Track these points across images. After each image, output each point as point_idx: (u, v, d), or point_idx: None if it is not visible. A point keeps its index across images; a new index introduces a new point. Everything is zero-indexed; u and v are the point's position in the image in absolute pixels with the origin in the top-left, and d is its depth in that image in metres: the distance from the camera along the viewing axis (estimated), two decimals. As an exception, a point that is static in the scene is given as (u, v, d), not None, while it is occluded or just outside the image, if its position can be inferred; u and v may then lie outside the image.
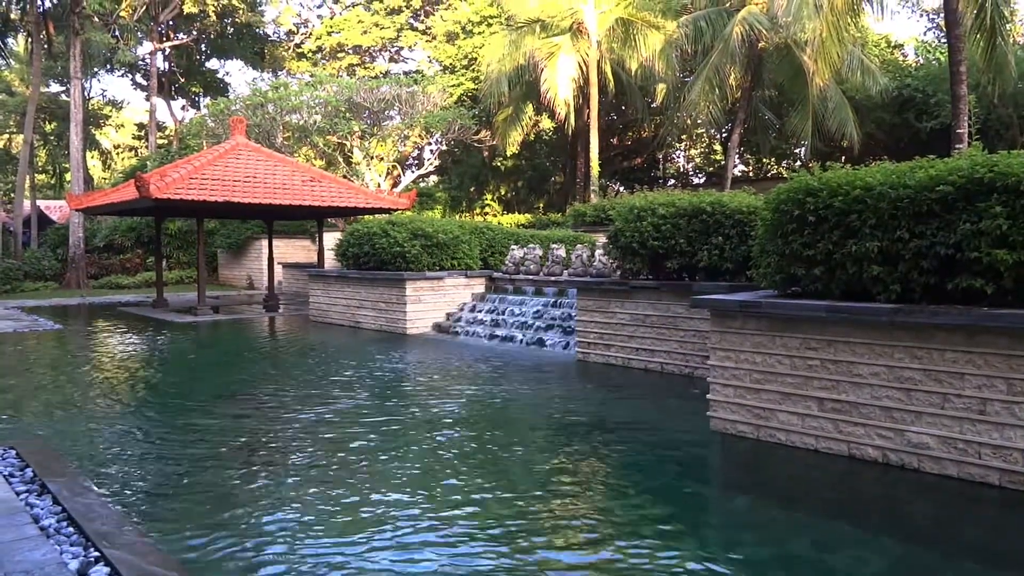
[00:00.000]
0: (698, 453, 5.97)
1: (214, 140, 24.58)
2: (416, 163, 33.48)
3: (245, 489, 4.89)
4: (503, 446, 6.04)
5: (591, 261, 11.72)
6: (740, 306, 5.98)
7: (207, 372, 9.96)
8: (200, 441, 6.10)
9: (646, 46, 21.50)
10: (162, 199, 13.93)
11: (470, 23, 29.34)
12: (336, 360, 10.51)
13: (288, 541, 4.04)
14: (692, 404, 7.17)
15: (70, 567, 3.41)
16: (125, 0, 28.07)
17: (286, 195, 15.84)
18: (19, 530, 3.83)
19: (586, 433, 6.48)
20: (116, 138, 47.39)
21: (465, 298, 13.68)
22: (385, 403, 7.59)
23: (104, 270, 26.59)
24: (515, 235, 15.33)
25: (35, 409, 7.42)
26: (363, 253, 14.04)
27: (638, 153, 31.93)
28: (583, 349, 10.09)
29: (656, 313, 9.14)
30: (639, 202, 9.27)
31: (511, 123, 25.36)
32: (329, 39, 34.90)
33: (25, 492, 4.45)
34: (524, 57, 22.86)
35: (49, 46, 26.81)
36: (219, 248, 27.09)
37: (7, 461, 5.06)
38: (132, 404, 7.75)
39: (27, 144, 26.54)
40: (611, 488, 5.06)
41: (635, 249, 9.10)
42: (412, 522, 4.30)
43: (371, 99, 24.01)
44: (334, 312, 15.07)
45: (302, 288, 20.93)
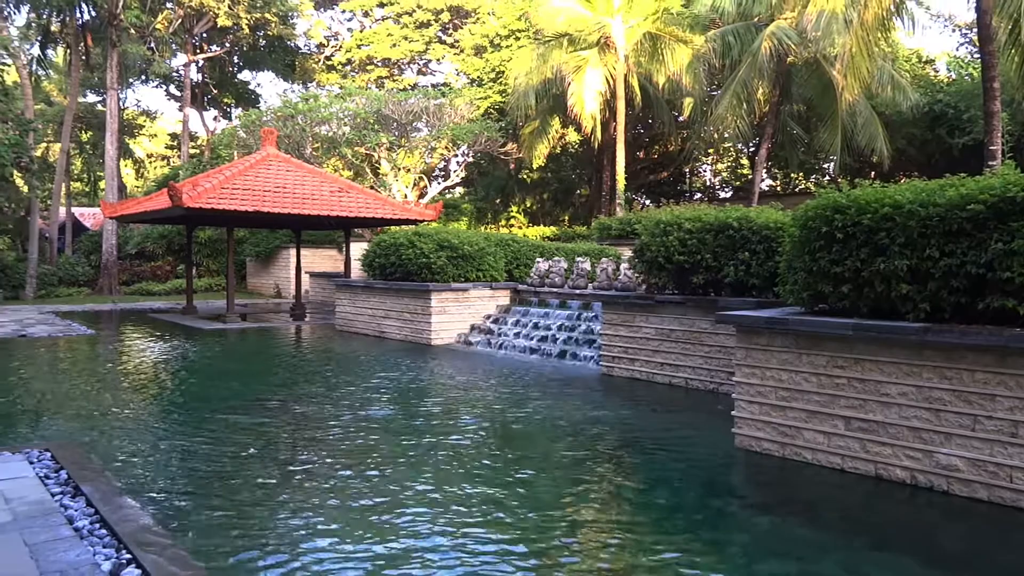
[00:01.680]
0: (723, 470, 5.94)
1: (245, 150, 24.98)
2: (442, 175, 33.70)
3: (271, 495, 4.96)
4: (526, 459, 6.06)
5: (616, 275, 11.72)
6: (767, 323, 5.96)
7: (235, 379, 10.10)
8: (228, 447, 6.19)
9: (674, 60, 21.50)
10: (194, 208, 14.19)
11: (498, 36, 29.56)
12: (361, 370, 10.60)
13: (312, 548, 4.09)
14: (717, 420, 7.14)
15: (103, 568, 3.49)
16: (161, 13, 28.69)
17: (314, 205, 16.05)
18: (54, 531, 3.92)
19: (610, 448, 6.48)
20: (149, 147, 48.35)
21: (490, 310, 13.74)
22: (409, 413, 7.64)
23: (135, 276, 27.09)
24: (540, 247, 15.38)
25: (68, 412, 7.57)
26: (389, 264, 14.17)
27: (664, 167, 31.86)
28: (607, 363, 10.08)
29: (681, 328, 9.11)
30: (665, 216, 9.27)
31: (538, 136, 25.46)
32: (359, 52, 35.33)
33: (60, 494, 4.55)
34: (551, 71, 22.96)
35: (87, 58, 27.46)
36: (248, 257, 27.47)
37: (43, 463, 5.18)
38: (161, 409, 7.89)
39: (64, 153, 27.15)
40: (635, 504, 5.05)
41: (661, 263, 9.09)
42: (433, 532, 4.33)
43: (399, 111, 24.26)
44: (360, 322, 15.21)
45: (328, 297, 21.14)
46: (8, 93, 18.79)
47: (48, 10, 24.74)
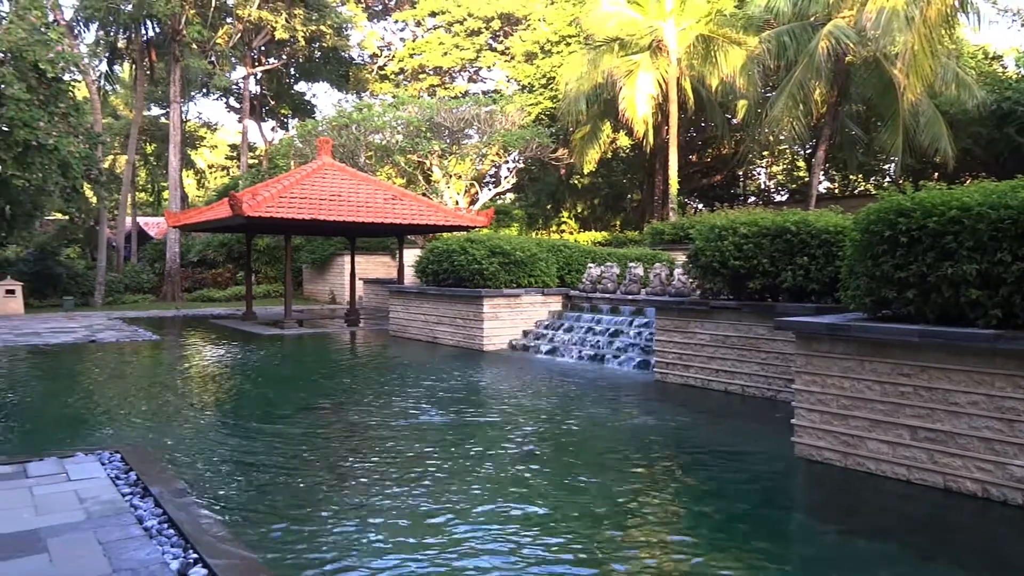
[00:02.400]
0: (782, 480, 5.81)
1: (301, 160, 25.54)
2: (493, 181, 33.86)
3: (329, 498, 5.05)
4: (580, 467, 6.03)
5: (670, 280, 11.60)
6: (827, 329, 5.82)
7: (293, 383, 10.31)
8: (286, 450, 6.33)
9: (727, 62, 21.21)
10: (253, 216, 14.56)
11: (548, 43, 29.60)
12: (415, 375, 10.71)
13: (369, 550, 4.15)
14: (775, 428, 7.00)
15: (171, 567, 3.60)
16: (222, 28, 29.59)
17: (369, 213, 16.31)
18: (125, 530, 4.07)
19: (665, 456, 6.41)
20: (210, 158, 49.86)
21: (542, 315, 13.73)
22: (463, 420, 7.69)
23: (197, 284, 27.92)
24: (592, 253, 15.31)
25: (136, 415, 7.84)
26: (442, 270, 14.30)
27: (717, 170, 31.42)
28: (661, 369, 9.97)
29: (737, 334, 8.96)
30: (720, 221, 9.14)
31: (588, 141, 25.39)
32: (411, 61, 35.81)
33: (130, 494, 4.72)
34: (602, 75, 22.88)
35: (151, 72, 28.48)
36: (304, 264, 28.06)
37: (113, 464, 5.37)
38: (223, 413, 8.11)
39: (130, 164, 28.19)
40: (691, 513, 4.98)
41: (716, 268, 8.97)
42: (486, 539, 4.34)
43: (451, 119, 24.49)
44: (413, 327, 15.37)
45: (382, 303, 21.44)
46: (79, 108, 19.57)
47: (115, 27, 25.75)
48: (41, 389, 9.61)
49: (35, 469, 5.21)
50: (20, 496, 4.61)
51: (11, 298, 19.72)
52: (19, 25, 16.82)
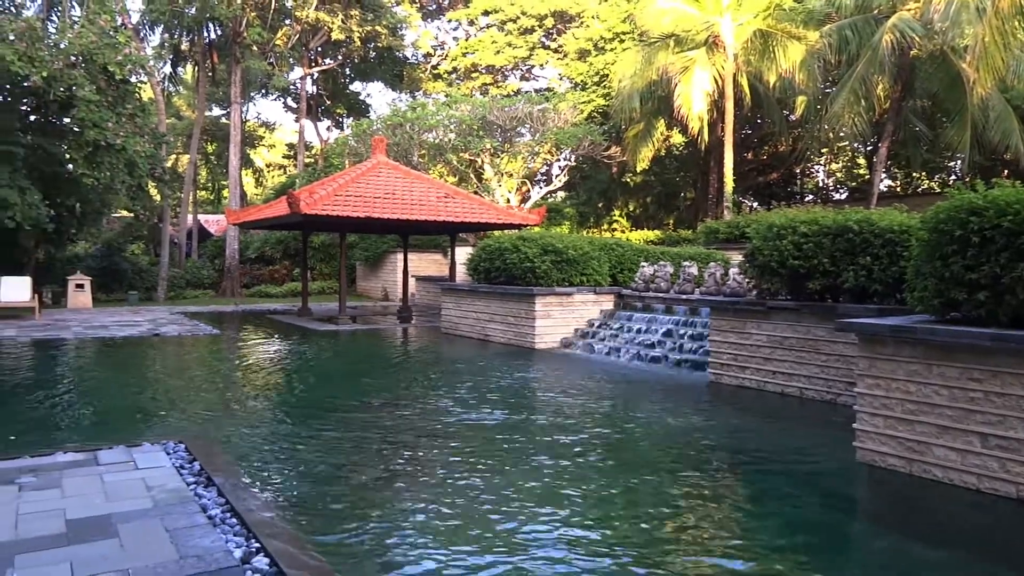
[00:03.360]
0: (842, 485, 5.66)
1: (356, 158, 25.92)
2: (544, 179, 33.83)
3: (384, 492, 5.11)
4: (633, 468, 5.98)
5: (725, 280, 11.42)
6: (892, 331, 5.64)
7: (348, 379, 10.48)
8: (342, 444, 6.43)
9: (786, 58, 20.74)
10: (310, 214, 14.84)
11: (602, 40, 29.42)
12: (467, 372, 10.77)
13: (423, 544, 4.19)
14: (835, 433, 6.83)
15: (234, 555, 3.70)
16: (280, 30, 30.24)
17: (422, 211, 16.46)
18: (191, 518, 4.19)
19: (720, 458, 6.31)
20: (268, 157, 51.01)
21: (594, 314, 13.66)
22: (514, 417, 7.70)
23: (255, 280, 28.60)
24: (645, 252, 15.16)
25: (197, 407, 8.08)
26: (494, 268, 14.34)
27: (774, 168, 30.79)
28: (716, 370, 9.82)
29: (795, 335, 8.76)
30: (778, 219, 8.95)
31: (642, 139, 25.14)
32: (464, 60, 36.02)
33: (194, 483, 4.86)
34: (656, 72, 22.64)
35: (213, 74, 29.27)
36: (357, 261, 28.49)
37: (178, 454, 5.54)
38: (282, 405, 8.29)
39: (192, 163, 29.04)
40: (747, 516, 4.89)
41: (774, 268, 8.78)
42: (541, 537, 4.34)
43: (503, 117, 24.54)
44: (464, 325, 15.46)
45: (433, 301, 21.62)
46: (145, 109, 20.23)
47: (179, 30, 26.56)
48: (109, 380, 9.97)
49: (105, 457, 5.41)
50: (92, 483, 4.79)
51: (80, 292, 20.51)
52: (90, 29, 17.46)
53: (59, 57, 16.55)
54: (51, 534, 3.92)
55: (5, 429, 6.84)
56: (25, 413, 7.60)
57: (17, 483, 4.77)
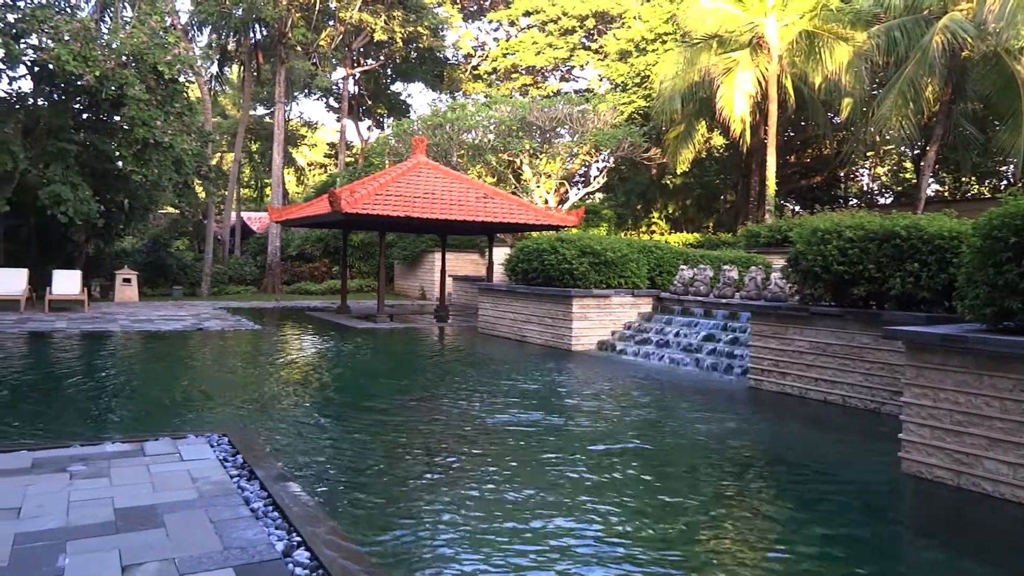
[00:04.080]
0: (886, 497, 5.54)
1: (396, 158, 26.16)
2: (583, 180, 33.73)
3: (421, 489, 5.15)
4: (670, 475, 5.93)
5: (766, 284, 11.26)
6: (942, 340, 5.51)
7: (387, 376, 10.58)
8: (380, 440, 6.49)
9: (832, 59, 20.36)
10: (351, 213, 15.01)
11: (643, 41, 29.24)
12: (503, 373, 10.78)
13: (458, 543, 4.20)
14: (879, 443, 6.69)
15: (276, 548, 3.75)
16: (324, 31, 30.63)
17: (461, 211, 16.53)
18: (234, 510, 4.27)
19: (759, 466, 6.22)
20: (309, 156, 51.76)
21: (631, 317, 13.58)
22: (550, 420, 7.69)
23: (295, 277, 29.01)
24: (684, 255, 15.02)
25: (239, 401, 8.23)
26: (532, 269, 14.34)
27: (817, 171, 30.26)
28: (756, 376, 9.69)
29: (839, 342, 8.60)
30: (823, 223, 8.79)
31: (683, 141, 24.91)
32: (504, 61, 36.10)
33: (237, 476, 4.95)
34: (699, 74, 22.42)
35: (258, 74, 29.77)
36: (395, 260, 28.74)
37: (221, 447, 5.65)
38: (321, 402, 8.40)
39: (236, 162, 29.57)
40: (788, 528, 4.81)
41: (817, 273, 8.63)
42: (567, 543, 4.33)
43: (543, 118, 24.53)
44: (501, 325, 15.49)
45: (470, 300, 21.70)
46: (192, 108, 20.68)
47: (226, 31, 27.06)
48: (154, 373, 10.21)
49: (151, 448, 5.54)
50: (139, 473, 4.91)
51: (128, 286, 21.03)
52: (141, 30, 17.90)
53: (111, 57, 16.98)
54: (100, 522, 4.02)
55: (56, 418, 7.05)
56: (74, 403, 7.82)
57: (68, 471, 4.91)
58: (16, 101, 18.62)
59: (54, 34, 16.34)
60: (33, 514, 4.11)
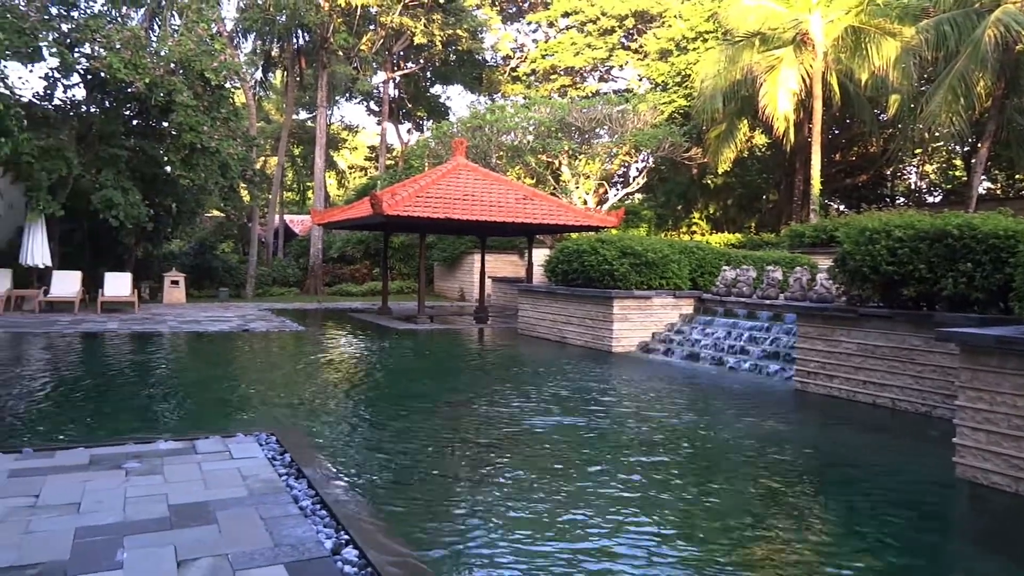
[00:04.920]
0: (939, 502, 5.40)
1: (435, 160, 26.34)
2: (622, 181, 33.55)
3: (464, 489, 5.17)
4: (714, 479, 5.86)
5: (811, 285, 11.07)
6: (998, 342, 5.35)
7: (429, 377, 10.66)
8: (423, 441, 6.54)
9: (879, 55, 19.91)
10: (392, 215, 15.16)
11: (684, 39, 28.98)
12: (544, 374, 10.78)
13: (502, 543, 4.21)
14: (931, 446, 6.53)
15: (325, 546, 3.81)
16: (365, 35, 30.99)
17: (501, 212, 16.58)
18: (284, 508, 4.34)
19: (806, 470, 6.11)
20: (350, 159, 52.39)
21: (673, 318, 13.46)
22: (590, 421, 7.66)
23: (336, 278, 29.39)
24: (726, 255, 14.84)
25: (284, 400, 8.36)
26: (572, 270, 14.31)
27: (863, 170, 29.59)
28: (802, 378, 9.53)
29: (888, 344, 8.41)
30: (871, 223, 8.62)
31: (724, 140, 24.61)
32: (543, 62, 36.10)
33: (285, 475, 5.03)
34: (741, 72, 22.12)
35: (301, 79, 30.24)
36: (435, 261, 28.94)
37: (269, 446, 5.75)
38: (364, 402, 8.50)
39: (279, 166, 30.09)
40: (837, 534, 4.72)
41: (866, 274, 8.46)
42: (619, 546, 4.31)
43: (582, 119, 24.47)
44: (541, 326, 15.48)
45: (509, 302, 21.74)
46: (238, 113, 21.13)
47: (270, 37, 27.56)
48: (202, 372, 10.44)
49: (202, 447, 5.66)
50: (191, 471, 5.03)
51: (175, 288, 21.53)
52: (188, 37, 18.33)
53: (160, 64, 17.43)
54: (156, 518, 4.13)
55: (110, 416, 7.26)
56: (127, 401, 8.04)
57: (124, 468, 5.05)
58: (70, 109, 19.22)
59: (106, 43, 16.82)
60: (92, 509, 4.24)
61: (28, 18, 15.68)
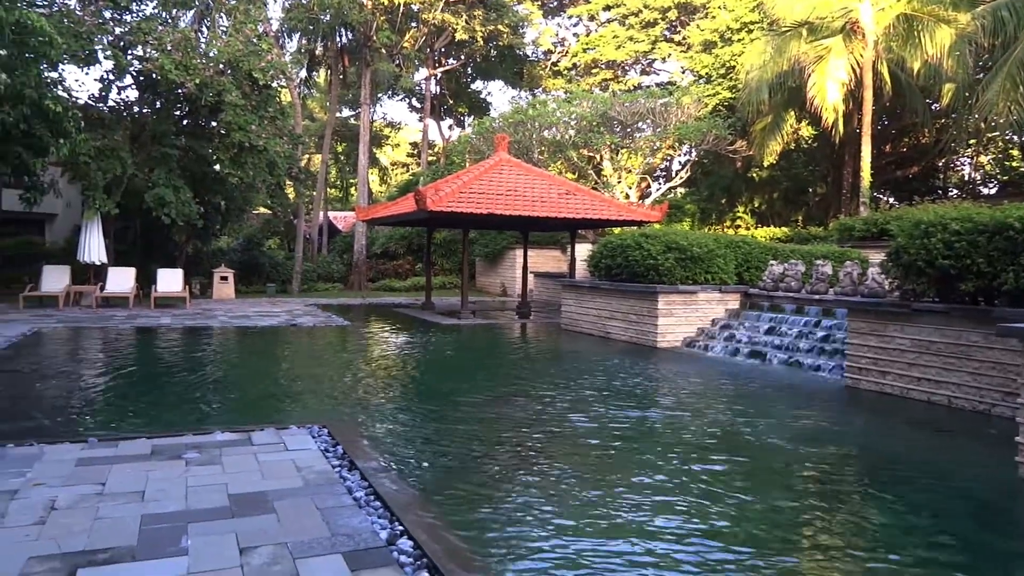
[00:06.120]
0: (1001, 504, 5.25)
1: (477, 156, 26.42)
2: (664, 175, 33.23)
3: (511, 482, 5.20)
4: (763, 477, 5.79)
5: (862, 279, 10.86)
6: (1063, 338, 5.18)
7: (474, 371, 10.73)
8: (471, 434, 6.59)
9: (932, 43, 19.34)
10: (436, 211, 15.26)
11: (729, 30, 28.54)
12: (588, 369, 10.76)
13: (553, 535, 4.23)
14: (990, 446, 6.37)
15: (381, 536, 3.88)
16: (408, 32, 31.22)
17: (543, 207, 16.57)
18: (338, 499, 4.43)
19: (860, 470, 6.01)
20: (392, 156, 52.86)
21: (718, 313, 13.31)
22: (638, 417, 7.63)
23: (380, 274, 29.72)
24: (773, 250, 14.62)
25: (333, 393, 8.50)
26: (615, 264, 14.24)
27: (914, 161, 28.81)
28: (853, 375, 9.34)
29: (944, 340, 8.20)
30: (926, 216, 8.41)
31: (770, 132, 24.18)
32: (584, 56, 35.90)
33: (338, 466, 5.13)
34: (788, 63, 21.70)
35: (344, 77, 30.60)
36: (477, 257, 29.05)
37: (322, 438, 5.86)
38: (410, 396, 8.60)
39: (324, 163, 30.51)
40: (891, 535, 4.62)
41: (920, 268, 8.26)
42: (669, 548, 4.29)
43: (625, 112, 24.29)
44: (584, 321, 15.45)
45: (551, 297, 21.73)
46: (284, 112, 21.49)
47: (315, 36, 27.93)
48: (254, 366, 10.67)
49: (257, 438, 5.80)
50: (248, 461, 5.16)
51: (225, 284, 22.02)
52: (236, 38, 18.70)
53: (210, 65, 17.82)
54: (216, 507, 4.25)
55: (168, 407, 7.47)
56: (183, 393, 8.26)
57: (184, 458, 5.20)
58: (124, 110, 19.77)
59: (158, 45, 17.27)
60: (155, 497, 4.38)
61: (84, 22, 16.16)
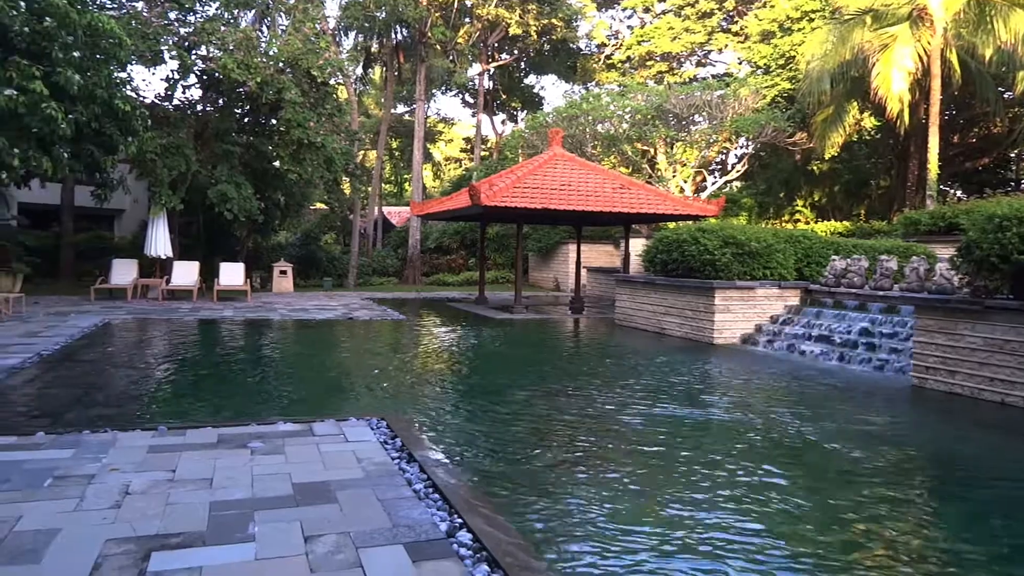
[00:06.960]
0: (1083, 509, 5.02)
1: (531, 151, 26.42)
2: (720, 168, 32.67)
3: (567, 477, 5.19)
4: (825, 480, 5.65)
5: (929, 275, 10.49)
6: None
7: (528, 366, 10.74)
8: (526, 428, 6.60)
9: (1006, 28, 18.53)
10: (490, 206, 15.32)
11: (788, 20, 27.86)
12: (643, 365, 10.67)
13: (611, 531, 4.21)
14: (1071, 450, 6.07)
15: (440, 528, 3.92)
16: (462, 28, 31.36)
17: (597, 202, 16.47)
18: (398, 490, 4.49)
19: (928, 474, 5.82)
20: (445, 151, 53.23)
21: (777, 310, 13.04)
22: (695, 415, 7.53)
23: (433, 268, 30.00)
24: (835, 245, 14.24)
25: (390, 386, 8.62)
26: (671, 259, 14.08)
27: (984, 152, 27.68)
28: (920, 374, 9.05)
29: (1019, 339, 7.87)
30: (1000, 209, 8.08)
31: (832, 124, 23.53)
32: (638, 48, 35.52)
33: (397, 458, 5.20)
34: (851, 52, 21.07)
35: (399, 73, 30.94)
36: (530, 251, 29.07)
37: (380, 430, 5.95)
38: (465, 390, 8.66)
39: (379, 159, 30.92)
40: (960, 542, 4.46)
41: (994, 264, 7.94)
42: (711, 537, 4.23)
43: (680, 105, 23.96)
44: (639, 317, 15.32)
45: (604, 292, 21.62)
46: (341, 109, 21.85)
47: (370, 34, 28.30)
48: (313, 358, 10.89)
49: (318, 429, 5.92)
50: (310, 452, 5.27)
51: (284, 278, 22.52)
52: (295, 37, 19.07)
53: (270, 63, 18.21)
54: (281, 495, 4.36)
55: (231, 397, 7.68)
56: (245, 384, 8.49)
57: (248, 447, 5.34)
58: (188, 108, 20.36)
59: (220, 44, 17.72)
60: (223, 485, 4.52)
61: (151, 24, 16.70)
